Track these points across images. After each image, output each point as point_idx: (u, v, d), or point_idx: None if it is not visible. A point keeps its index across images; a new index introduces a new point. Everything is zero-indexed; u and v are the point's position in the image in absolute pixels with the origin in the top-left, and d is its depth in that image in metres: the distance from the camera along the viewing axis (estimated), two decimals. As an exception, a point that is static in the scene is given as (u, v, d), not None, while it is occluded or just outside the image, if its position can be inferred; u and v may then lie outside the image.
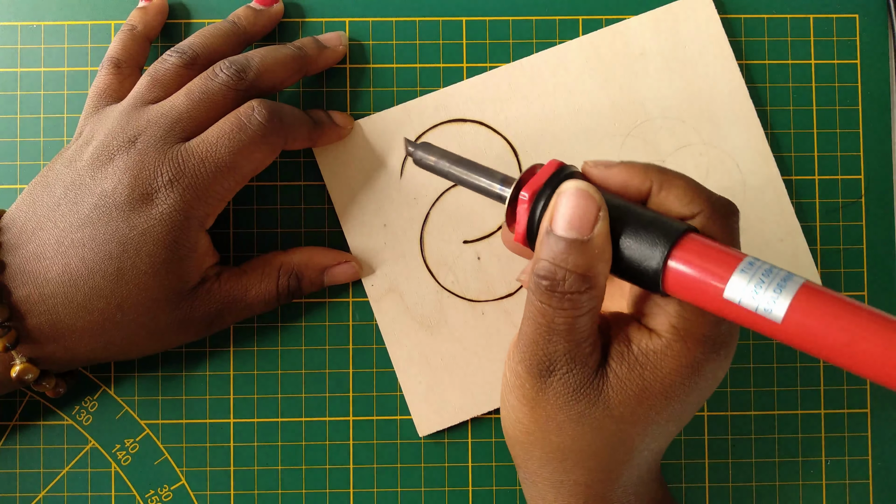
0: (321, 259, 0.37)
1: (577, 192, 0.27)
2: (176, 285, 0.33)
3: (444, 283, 0.38)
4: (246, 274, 0.36)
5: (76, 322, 0.33)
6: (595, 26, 0.39)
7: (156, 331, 0.34)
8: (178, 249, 0.33)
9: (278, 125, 0.34)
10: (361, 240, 0.38)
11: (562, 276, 0.27)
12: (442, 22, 0.39)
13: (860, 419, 0.39)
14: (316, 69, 0.37)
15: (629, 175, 0.29)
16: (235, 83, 0.33)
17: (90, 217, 0.32)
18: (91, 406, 0.39)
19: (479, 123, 0.38)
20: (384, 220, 0.38)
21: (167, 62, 0.34)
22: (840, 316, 0.24)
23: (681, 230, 0.27)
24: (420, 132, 0.38)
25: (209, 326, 0.35)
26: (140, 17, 0.37)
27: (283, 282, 0.36)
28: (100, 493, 0.38)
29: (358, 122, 0.38)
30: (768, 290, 0.25)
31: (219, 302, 0.35)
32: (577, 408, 0.28)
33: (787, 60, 0.39)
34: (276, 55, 0.35)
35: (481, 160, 0.38)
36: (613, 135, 0.38)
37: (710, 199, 0.28)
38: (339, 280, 0.37)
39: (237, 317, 0.36)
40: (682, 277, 0.26)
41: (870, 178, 0.39)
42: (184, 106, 0.33)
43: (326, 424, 0.39)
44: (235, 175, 0.33)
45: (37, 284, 0.32)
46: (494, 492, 0.38)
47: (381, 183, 0.38)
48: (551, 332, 0.28)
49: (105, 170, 0.32)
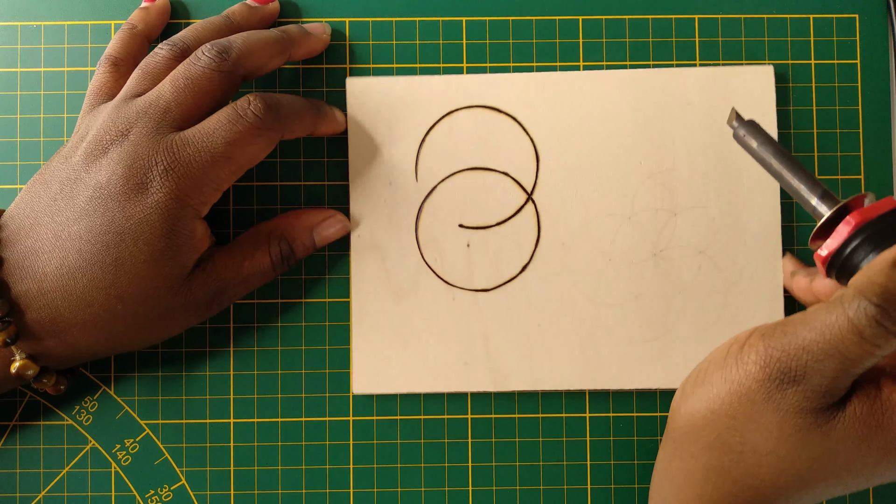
0: (307, 219, 0.37)
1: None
2: (174, 272, 0.33)
3: (426, 257, 0.38)
4: (238, 248, 0.36)
5: (76, 315, 0.33)
6: (595, 26, 0.39)
7: (157, 318, 0.34)
8: (175, 237, 0.33)
9: (274, 118, 0.34)
10: (364, 189, 0.38)
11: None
12: (442, 22, 0.39)
13: (860, 419, 0.39)
14: (300, 54, 0.37)
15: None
16: (218, 65, 0.33)
17: (86, 209, 0.32)
18: (91, 406, 0.39)
19: (511, 118, 0.38)
20: (391, 178, 0.38)
21: (158, 55, 0.34)
22: None
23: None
24: (451, 109, 0.38)
25: (209, 307, 0.35)
26: (141, 17, 0.37)
27: (275, 249, 0.36)
28: (100, 493, 0.38)
29: (398, 80, 0.38)
30: None
31: (216, 281, 0.35)
32: (796, 421, 0.29)
33: (787, 60, 0.39)
34: (259, 36, 0.35)
35: (499, 153, 0.38)
36: (636, 172, 0.38)
37: None
38: (329, 236, 0.38)
39: (236, 293, 0.36)
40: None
41: (870, 178, 0.39)
42: (170, 94, 0.33)
43: (326, 424, 0.39)
44: (231, 165, 0.33)
45: (35, 279, 0.32)
46: (494, 492, 0.38)
47: (401, 143, 0.38)
48: (838, 354, 0.27)
49: (99, 162, 0.33)
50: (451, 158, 0.38)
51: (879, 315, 0.26)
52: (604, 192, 0.38)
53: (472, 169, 0.38)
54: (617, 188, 0.38)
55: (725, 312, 0.37)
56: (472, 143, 0.38)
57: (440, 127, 0.38)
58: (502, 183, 0.38)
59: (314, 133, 0.37)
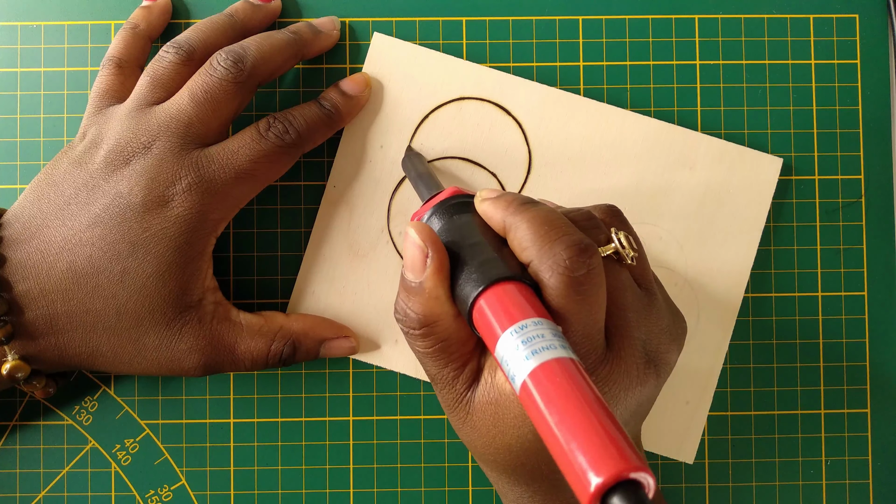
0: (321, 331, 0.37)
1: (407, 236, 0.29)
2: (175, 293, 0.33)
3: (392, 228, 0.38)
4: (241, 324, 0.35)
5: (72, 320, 0.33)
6: (595, 26, 0.39)
7: (141, 350, 0.34)
8: (188, 251, 0.33)
9: (294, 140, 0.34)
10: (354, 145, 0.38)
11: (403, 314, 0.29)
12: (442, 22, 0.39)
13: (860, 419, 0.39)
14: (311, 53, 0.37)
15: (491, 212, 0.29)
16: (234, 76, 0.33)
17: (101, 217, 0.32)
18: (91, 406, 0.39)
19: (518, 124, 0.38)
20: (383, 142, 0.38)
21: (165, 59, 0.34)
22: (563, 405, 0.22)
23: (491, 278, 0.26)
24: (464, 96, 0.38)
25: (187, 365, 0.34)
26: (143, 17, 0.37)
27: (277, 347, 0.35)
28: (100, 493, 0.38)
29: (419, 48, 0.38)
30: (521, 355, 0.24)
31: (206, 339, 0.34)
32: (453, 420, 0.30)
33: (787, 60, 0.39)
34: (271, 41, 0.35)
35: (496, 153, 0.38)
36: (623, 210, 0.38)
37: (543, 248, 0.27)
38: (336, 354, 0.37)
39: (219, 367, 0.35)
40: (480, 325, 0.27)
41: (870, 178, 0.39)
42: (191, 108, 0.33)
43: (326, 424, 0.39)
44: (253, 182, 0.34)
45: (38, 280, 0.32)
46: (494, 492, 0.38)
47: (405, 112, 0.38)
48: (418, 354, 0.29)
49: (121, 172, 0.33)
50: (448, 143, 0.38)
51: (398, 319, 0.29)
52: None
53: (465, 160, 0.38)
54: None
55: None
56: (472, 135, 0.38)
57: (448, 109, 0.38)
58: (488, 182, 0.38)
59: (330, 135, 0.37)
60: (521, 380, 0.24)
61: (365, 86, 0.38)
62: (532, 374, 0.23)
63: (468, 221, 0.30)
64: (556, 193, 0.38)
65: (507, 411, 0.28)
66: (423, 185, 0.34)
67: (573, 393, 0.22)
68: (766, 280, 0.39)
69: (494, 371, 0.28)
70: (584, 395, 0.22)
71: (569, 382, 0.23)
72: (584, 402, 0.22)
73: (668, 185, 0.38)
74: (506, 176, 0.38)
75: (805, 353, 0.39)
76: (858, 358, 0.39)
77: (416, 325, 0.28)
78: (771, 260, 0.39)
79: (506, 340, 0.25)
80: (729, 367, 0.39)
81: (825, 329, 0.39)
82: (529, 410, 0.23)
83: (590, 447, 0.21)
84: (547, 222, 0.28)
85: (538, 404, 0.23)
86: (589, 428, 0.21)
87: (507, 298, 0.26)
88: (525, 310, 0.25)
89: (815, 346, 0.39)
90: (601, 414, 0.22)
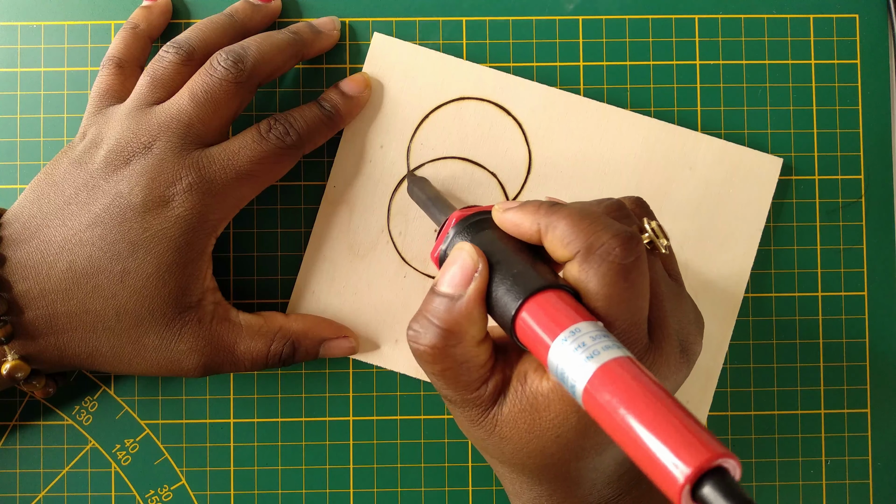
0: (321, 331, 0.37)
1: (460, 250, 0.29)
2: (175, 293, 0.33)
3: (392, 228, 0.38)
4: (241, 324, 0.35)
5: (72, 320, 0.33)
6: (595, 26, 0.39)
7: (140, 351, 0.34)
8: (188, 251, 0.33)
9: (295, 141, 0.34)
10: (354, 144, 0.38)
11: (423, 331, 0.28)
12: (442, 22, 0.39)
13: (860, 419, 0.39)
14: (311, 53, 0.38)
15: (520, 219, 0.29)
16: (234, 76, 0.33)
17: (101, 217, 0.32)
18: (91, 406, 0.39)
19: (518, 124, 0.38)
20: (383, 142, 0.38)
21: (165, 59, 0.34)
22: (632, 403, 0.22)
23: (530, 289, 0.26)
24: (464, 96, 0.38)
25: (187, 366, 0.34)
26: (143, 17, 0.37)
27: (277, 347, 0.35)
28: (100, 493, 0.38)
29: (419, 48, 0.38)
30: (579, 360, 0.24)
31: (205, 339, 0.34)
32: (477, 433, 0.29)
33: (787, 60, 0.39)
34: (271, 41, 0.35)
35: (495, 153, 0.38)
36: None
37: (589, 240, 0.27)
38: (335, 354, 0.37)
39: (218, 367, 0.35)
40: (525, 337, 0.26)
41: (870, 178, 0.39)
42: (191, 109, 0.33)
43: (326, 424, 0.39)
44: (253, 183, 0.34)
45: (38, 279, 0.32)
46: (494, 492, 0.38)
47: (405, 112, 0.38)
48: (433, 375, 0.29)
49: (121, 172, 0.33)
50: (448, 143, 0.38)
51: (411, 336, 0.29)
52: None
53: (465, 160, 0.38)
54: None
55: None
56: (472, 135, 0.38)
57: (448, 109, 0.38)
58: (488, 182, 0.38)
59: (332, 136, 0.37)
60: (583, 384, 0.24)
61: (365, 86, 0.38)
62: (595, 377, 0.23)
63: (491, 237, 0.30)
64: (556, 193, 0.38)
65: (544, 415, 0.27)
66: (435, 209, 0.34)
67: (642, 390, 0.23)
68: (766, 280, 0.39)
69: (524, 378, 0.28)
70: (653, 391, 0.23)
71: (635, 380, 0.23)
72: (656, 398, 0.22)
73: (668, 185, 0.38)
74: (506, 176, 0.38)
75: (805, 353, 0.39)
76: (858, 358, 0.39)
77: (437, 340, 0.28)
78: (771, 260, 0.39)
79: (558, 348, 0.25)
80: (729, 367, 0.39)
81: (825, 329, 0.39)
82: (597, 413, 0.23)
83: (672, 440, 0.21)
84: (587, 216, 0.28)
85: (611, 405, 0.23)
86: (665, 421, 0.22)
87: (550, 306, 0.26)
88: (571, 315, 0.25)
89: (815, 346, 0.39)
90: (673, 406, 0.22)
